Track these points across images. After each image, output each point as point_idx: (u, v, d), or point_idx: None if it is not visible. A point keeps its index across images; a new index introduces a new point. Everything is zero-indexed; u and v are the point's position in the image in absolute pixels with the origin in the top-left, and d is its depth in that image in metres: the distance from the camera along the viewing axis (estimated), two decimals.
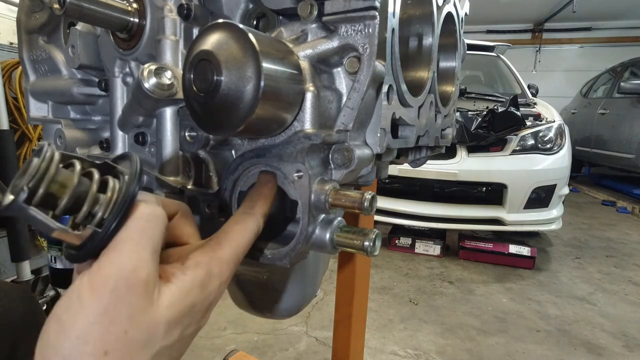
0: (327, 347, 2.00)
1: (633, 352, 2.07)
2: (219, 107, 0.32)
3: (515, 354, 2.02)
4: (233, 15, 0.46)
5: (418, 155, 0.67)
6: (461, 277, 2.94)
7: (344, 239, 0.39)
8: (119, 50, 0.52)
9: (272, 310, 0.70)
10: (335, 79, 0.42)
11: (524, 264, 3.11)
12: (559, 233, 3.96)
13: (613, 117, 5.93)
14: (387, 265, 3.11)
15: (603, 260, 3.40)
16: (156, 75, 0.42)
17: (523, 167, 3.07)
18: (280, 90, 0.34)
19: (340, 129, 0.40)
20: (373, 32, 0.38)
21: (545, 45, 9.93)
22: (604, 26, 9.47)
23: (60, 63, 0.71)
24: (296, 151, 0.39)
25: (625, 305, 2.58)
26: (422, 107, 0.53)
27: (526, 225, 3.15)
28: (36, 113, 0.76)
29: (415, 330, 2.22)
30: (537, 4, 8.56)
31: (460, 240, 3.32)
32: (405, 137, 0.50)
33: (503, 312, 2.44)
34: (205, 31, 0.33)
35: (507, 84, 4.43)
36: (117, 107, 0.56)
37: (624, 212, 5.20)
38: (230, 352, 1.55)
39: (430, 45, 0.57)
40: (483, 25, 9.88)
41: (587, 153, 6.74)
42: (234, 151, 0.45)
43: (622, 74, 6.18)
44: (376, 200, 0.37)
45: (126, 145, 0.58)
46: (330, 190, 0.38)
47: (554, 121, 3.32)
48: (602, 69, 7.11)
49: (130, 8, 0.48)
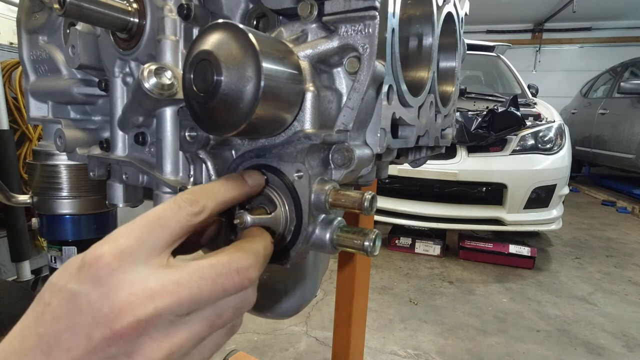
0: (327, 347, 2.00)
1: (633, 352, 2.07)
2: (219, 107, 0.32)
3: (515, 354, 2.02)
4: (233, 15, 0.46)
5: (418, 155, 0.67)
6: (461, 277, 2.94)
7: (344, 239, 0.39)
8: (119, 50, 0.52)
9: (272, 310, 0.70)
10: (335, 79, 0.42)
11: (524, 264, 3.11)
12: (559, 233, 3.96)
13: (613, 117, 5.93)
14: (387, 265, 3.11)
15: (603, 260, 3.40)
16: (156, 75, 0.42)
17: (523, 167, 3.07)
18: (280, 90, 0.34)
19: (340, 129, 0.40)
20: (373, 32, 0.38)
21: (545, 45, 9.93)
22: (604, 26, 9.47)
23: (60, 63, 0.71)
24: (296, 151, 0.39)
25: (625, 305, 2.58)
26: (422, 107, 0.53)
27: (526, 225, 3.15)
28: (36, 113, 0.76)
29: (415, 330, 2.22)
30: (537, 4, 8.56)
31: (460, 240, 3.32)
32: (405, 137, 0.50)
33: (503, 312, 2.44)
34: (206, 31, 0.33)
35: (507, 84, 4.43)
36: (117, 107, 0.56)
37: (624, 212, 5.20)
38: (230, 352, 1.55)
39: (430, 45, 0.57)
40: (483, 25, 9.88)
41: (587, 153, 6.73)
42: (234, 151, 0.45)
43: (622, 74, 6.18)
44: (376, 200, 0.37)
45: (126, 145, 0.58)
46: (330, 190, 0.38)
47: (554, 121, 3.32)
48: (602, 69, 7.11)
49: (130, 8, 0.48)
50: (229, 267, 0.30)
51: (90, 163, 0.62)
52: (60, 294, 0.27)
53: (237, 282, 0.30)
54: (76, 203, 0.90)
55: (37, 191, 0.91)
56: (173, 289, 0.27)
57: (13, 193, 1.05)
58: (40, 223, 0.95)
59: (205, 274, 0.29)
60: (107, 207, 0.95)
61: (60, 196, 0.89)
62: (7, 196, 1.04)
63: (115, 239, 0.28)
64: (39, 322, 0.26)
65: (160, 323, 0.27)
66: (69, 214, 0.91)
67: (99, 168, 0.62)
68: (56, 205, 0.90)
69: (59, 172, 0.88)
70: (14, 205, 1.04)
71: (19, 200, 1.02)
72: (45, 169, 0.88)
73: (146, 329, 0.26)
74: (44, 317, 0.26)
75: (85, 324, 0.26)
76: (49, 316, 0.26)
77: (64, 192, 0.89)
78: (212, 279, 0.29)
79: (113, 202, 0.61)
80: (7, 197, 1.04)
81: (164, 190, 0.52)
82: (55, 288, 0.27)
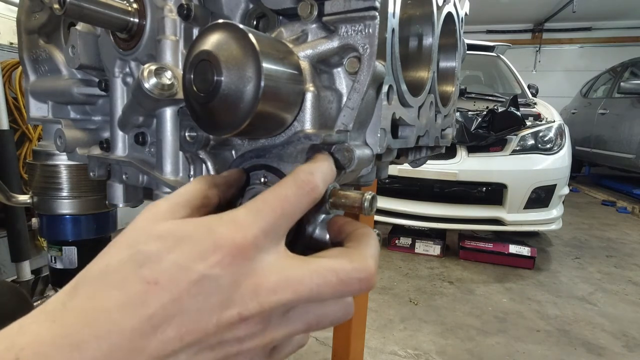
0: (327, 347, 2.00)
1: (633, 352, 2.07)
2: (219, 107, 0.32)
3: (516, 354, 2.02)
4: (233, 15, 0.46)
5: (418, 155, 0.67)
6: (461, 277, 2.94)
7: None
8: (119, 51, 0.52)
9: None
10: (336, 79, 0.42)
11: (524, 264, 3.11)
12: (559, 233, 3.96)
13: (613, 117, 5.93)
14: (387, 265, 3.11)
15: (603, 260, 3.40)
16: (156, 76, 0.42)
17: (523, 167, 3.07)
18: (280, 91, 0.34)
19: (340, 129, 0.40)
20: (373, 32, 0.38)
21: (545, 45, 9.93)
22: (604, 26, 9.47)
23: (60, 63, 0.71)
24: (296, 151, 0.39)
25: (625, 305, 2.58)
26: (422, 107, 0.53)
27: (526, 225, 3.15)
28: (36, 113, 0.76)
29: (415, 330, 2.22)
30: (537, 4, 8.56)
31: (460, 240, 3.32)
32: (405, 137, 0.50)
33: (503, 312, 2.44)
34: (206, 31, 0.33)
35: (507, 84, 4.43)
36: (117, 107, 0.56)
37: (624, 212, 5.20)
38: None
39: (430, 45, 0.57)
40: (483, 25, 9.89)
41: (587, 153, 6.73)
42: (234, 151, 0.45)
43: (622, 74, 6.18)
44: (376, 201, 0.37)
45: (126, 145, 0.58)
46: (331, 190, 0.38)
47: (554, 121, 3.32)
48: (602, 69, 7.11)
49: (130, 8, 0.48)
50: (351, 276, 0.29)
51: (90, 163, 0.62)
52: (179, 274, 0.25)
53: (356, 290, 0.29)
54: (76, 203, 0.90)
55: (37, 191, 0.91)
56: (295, 286, 0.27)
57: (13, 193, 1.05)
58: (40, 223, 0.95)
59: (327, 279, 0.28)
60: (107, 207, 0.95)
61: (60, 196, 0.89)
62: (7, 196, 1.04)
63: (244, 225, 0.27)
64: (143, 303, 0.24)
65: (275, 315, 0.27)
66: (69, 214, 0.91)
67: (99, 168, 0.62)
68: (56, 205, 0.90)
69: (59, 172, 0.88)
70: (14, 205, 1.04)
71: (19, 200, 1.02)
72: (45, 169, 0.88)
73: (264, 319, 0.27)
74: (151, 297, 0.24)
75: (210, 308, 0.25)
76: (159, 297, 0.24)
77: (64, 192, 0.89)
78: (332, 285, 0.28)
79: (113, 202, 0.61)
80: (7, 197, 1.04)
81: (164, 190, 0.52)
82: (167, 265, 0.25)
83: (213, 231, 0.27)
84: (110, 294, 0.25)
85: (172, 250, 0.26)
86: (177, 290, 0.25)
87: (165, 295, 0.24)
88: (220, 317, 0.25)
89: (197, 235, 0.27)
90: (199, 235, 0.27)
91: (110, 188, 0.61)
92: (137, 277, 0.25)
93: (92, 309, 0.24)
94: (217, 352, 0.26)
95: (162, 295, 0.24)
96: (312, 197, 0.30)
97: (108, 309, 0.24)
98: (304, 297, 0.27)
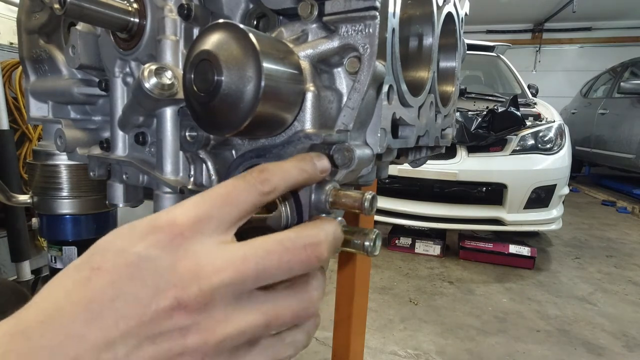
0: (327, 347, 2.00)
1: (633, 352, 2.07)
2: (219, 107, 0.32)
3: (516, 354, 2.02)
4: (233, 15, 0.46)
5: (418, 155, 0.67)
6: (461, 277, 2.94)
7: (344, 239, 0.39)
8: (119, 50, 0.52)
9: None
10: (336, 79, 0.42)
11: (524, 264, 3.11)
12: (559, 233, 3.96)
13: (613, 117, 5.93)
14: (387, 265, 3.11)
15: (603, 260, 3.40)
16: (156, 75, 0.42)
17: (523, 167, 3.07)
18: (280, 90, 0.34)
19: (340, 129, 0.40)
20: (373, 32, 0.38)
21: (545, 45, 9.93)
22: (604, 26, 9.47)
23: (60, 63, 0.71)
24: (296, 151, 0.39)
25: (625, 305, 2.58)
26: (422, 107, 0.53)
27: (526, 225, 3.15)
28: (36, 113, 0.76)
29: (415, 330, 2.22)
30: (537, 4, 8.56)
31: (460, 240, 3.32)
32: (406, 137, 0.50)
33: (503, 312, 2.44)
34: (206, 31, 0.33)
35: (507, 84, 4.44)
36: (117, 107, 0.56)
37: (624, 212, 5.20)
38: None
39: (430, 45, 0.57)
40: (483, 25, 9.88)
41: (587, 153, 6.73)
42: (234, 151, 0.45)
43: (622, 74, 6.18)
44: (376, 200, 0.37)
45: (126, 145, 0.58)
46: (331, 190, 0.38)
47: (554, 121, 3.32)
48: (602, 69, 7.11)
49: (130, 8, 0.48)
50: (296, 243, 0.28)
51: (90, 163, 0.62)
52: (118, 258, 0.25)
53: (304, 258, 0.28)
54: (76, 203, 0.90)
55: (37, 191, 0.91)
56: (239, 264, 0.26)
57: (13, 193, 1.05)
58: (40, 223, 0.95)
59: (271, 248, 0.27)
60: (107, 207, 0.95)
61: (60, 196, 0.89)
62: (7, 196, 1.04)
63: (187, 209, 0.27)
64: (85, 288, 0.24)
65: (220, 301, 0.26)
66: (69, 214, 0.91)
67: (99, 168, 0.62)
68: (56, 205, 0.90)
69: (59, 172, 0.88)
70: (14, 205, 1.04)
71: (19, 200, 1.02)
72: (45, 169, 0.88)
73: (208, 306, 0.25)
74: (92, 282, 0.24)
75: (146, 291, 0.24)
76: (100, 281, 0.24)
77: (64, 192, 0.89)
78: (278, 253, 0.27)
79: (113, 202, 0.61)
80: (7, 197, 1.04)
81: (164, 190, 0.52)
82: (111, 251, 0.25)
83: (155, 217, 0.27)
84: (61, 282, 0.25)
85: (120, 236, 0.26)
86: (116, 273, 0.24)
87: (105, 278, 0.24)
88: (158, 301, 0.24)
89: (142, 222, 0.27)
90: (143, 221, 0.27)
91: (110, 188, 0.61)
92: (87, 264, 0.25)
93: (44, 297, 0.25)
94: (159, 346, 0.24)
95: (102, 279, 0.24)
96: (261, 190, 0.29)
97: (56, 296, 0.24)
98: (248, 274, 0.26)
